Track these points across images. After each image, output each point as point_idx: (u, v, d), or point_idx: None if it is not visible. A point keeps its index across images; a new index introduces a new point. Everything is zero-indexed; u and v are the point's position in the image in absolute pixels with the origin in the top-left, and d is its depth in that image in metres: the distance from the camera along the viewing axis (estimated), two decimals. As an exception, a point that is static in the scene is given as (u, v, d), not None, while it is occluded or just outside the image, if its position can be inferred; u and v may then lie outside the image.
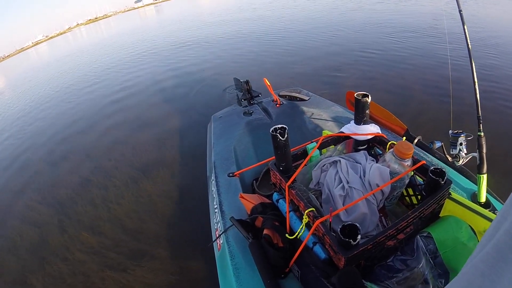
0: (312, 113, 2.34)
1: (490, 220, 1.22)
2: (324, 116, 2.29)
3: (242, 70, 5.77)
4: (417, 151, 1.76)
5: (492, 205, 1.44)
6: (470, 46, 1.58)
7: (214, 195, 1.79)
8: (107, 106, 5.83)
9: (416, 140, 1.92)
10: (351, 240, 0.98)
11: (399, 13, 7.58)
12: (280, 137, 1.26)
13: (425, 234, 1.20)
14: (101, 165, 3.90)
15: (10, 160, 4.50)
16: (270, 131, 1.28)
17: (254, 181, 1.89)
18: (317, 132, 2.21)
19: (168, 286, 2.20)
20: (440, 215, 1.32)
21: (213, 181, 1.90)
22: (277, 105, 2.52)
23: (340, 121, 2.20)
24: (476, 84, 1.51)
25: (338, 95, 3.92)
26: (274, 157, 1.90)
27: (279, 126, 1.29)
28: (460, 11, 1.70)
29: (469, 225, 1.23)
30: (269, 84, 2.59)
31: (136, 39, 14.39)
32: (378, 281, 1.12)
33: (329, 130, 2.12)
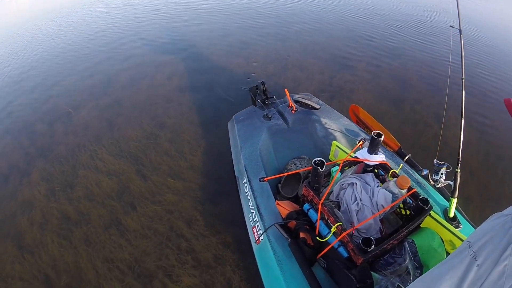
0: (324, 123, 2.79)
1: (453, 233, 1.81)
2: (333, 126, 2.75)
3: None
4: (407, 170, 2.30)
5: (458, 219, 2.02)
6: (463, 106, 2.04)
7: (249, 197, 2.24)
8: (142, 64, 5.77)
9: (406, 158, 2.44)
10: (367, 248, 1.53)
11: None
12: (320, 169, 1.73)
13: (410, 241, 1.75)
14: (162, 121, 4.12)
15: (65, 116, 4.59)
16: (313, 162, 1.75)
17: (279, 184, 2.38)
18: (327, 141, 2.68)
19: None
20: (420, 226, 1.89)
21: (246, 184, 2.33)
22: (293, 111, 2.92)
23: (347, 134, 2.65)
24: (462, 135, 2.01)
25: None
26: (293, 167, 2.41)
27: (318, 159, 1.76)
28: (462, 78, 2.10)
29: (440, 236, 1.81)
30: (288, 93, 2.99)
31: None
32: (378, 271, 1.68)
33: (338, 141, 2.59)
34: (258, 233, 2.03)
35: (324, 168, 1.74)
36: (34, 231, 2.94)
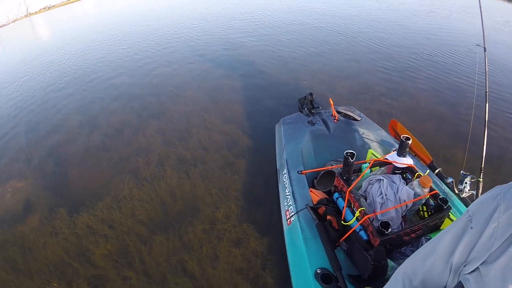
0: (362, 133, 3.01)
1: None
2: (371, 137, 2.96)
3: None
4: (435, 180, 2.46)
5: None
6: (487, 118, 2.21)
7: (286, 185, 2.51)
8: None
9: (436, 171, 2.60)
10: (385, 230, 1.74)
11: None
12: (350, 159, 1.99)
13: (428, 238, 1.93)
14: (259, 99, 5.12)
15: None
16: (344, 153, 2.01)
17: (315, 179, 2.64)
18: (364, 149, 2.88)
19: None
20: (440, 228, 2.05)
21: (285, 175, 2.61)
22: (335, 120, 3.17)
23: (383, 144, 2.85)
24: (485, 145, 2.16)
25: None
26: (329, 166, 2.67)
27: (350, 151, 2.02)
28: (486, 92, 2.27)
29: (457, 238, 1.96)
30: (332, 103, 3.27)
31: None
32: (395, 260, 1.88)
33: (374, 150, 2.81)
34: (290, 215, 2.29)
35: (354, 158, 1.99)
36: (151, 168, 3.69)
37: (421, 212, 2.15)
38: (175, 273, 2.58)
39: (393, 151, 2.58)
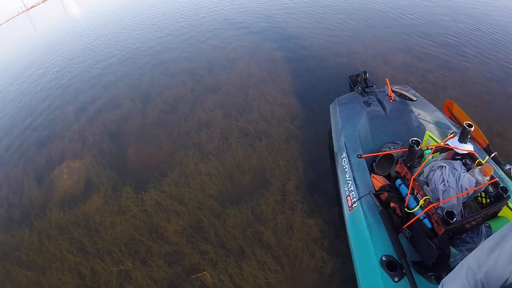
0: (418, 114, 3.04)
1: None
2: (427, 118, 3.00)
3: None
4: (491, 164, 2.52)
5: None
6: None
7: (347, 170, 2.63)
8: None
9: (492, 155, 2.64)
10: (449, 220, 1.89)
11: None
12: (416, 147, 2.10)
13: (487, 225, 2.06)
14: (316, 73, 5.06)
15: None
16: (410, 141, 2.12)
17: (374, 163, 2.77)
18: (420, 130, 2.94)
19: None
20: (498, 215, 2.17)
21: (344, 159, 2.73)
22: (391, 100, 3.20)
23: (440, 126, 2.89)
24: None
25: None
26: (387, 149, 2.77)
27: (415, 139, 2.13)
28: None
29: (515, 225, 2.09)
30: (388, 82, 3.30)
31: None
32: (456, 247, 2.02)
33: (430, 132, 2.85)
34: (352, 200, 2.43)
35: (419, 146, 2.10)
36: (215, 142, 3.84)
37: (480, 198, 2.26)
38: (251, 245, 2.78)
39: (451, 134, 2.65)
